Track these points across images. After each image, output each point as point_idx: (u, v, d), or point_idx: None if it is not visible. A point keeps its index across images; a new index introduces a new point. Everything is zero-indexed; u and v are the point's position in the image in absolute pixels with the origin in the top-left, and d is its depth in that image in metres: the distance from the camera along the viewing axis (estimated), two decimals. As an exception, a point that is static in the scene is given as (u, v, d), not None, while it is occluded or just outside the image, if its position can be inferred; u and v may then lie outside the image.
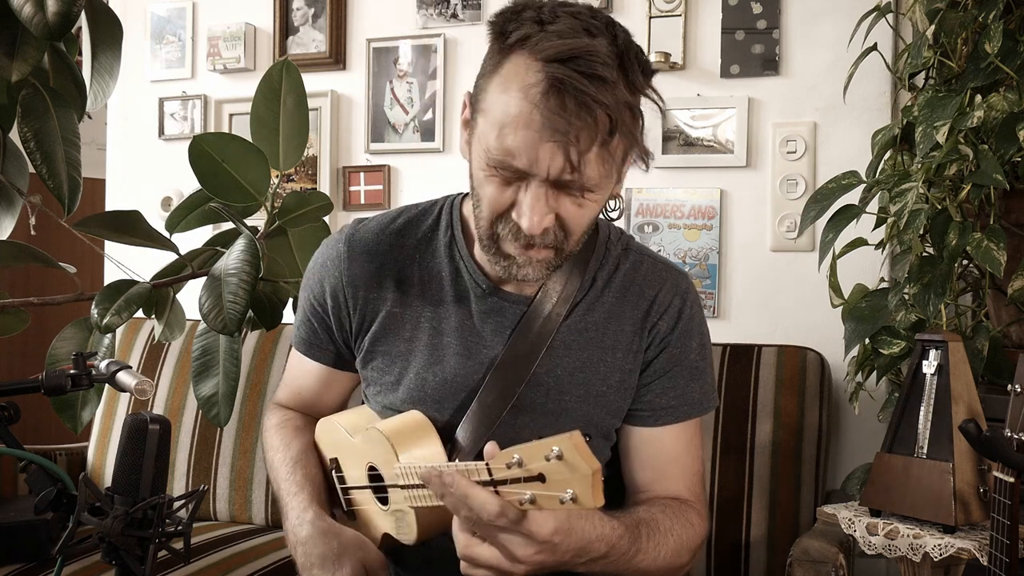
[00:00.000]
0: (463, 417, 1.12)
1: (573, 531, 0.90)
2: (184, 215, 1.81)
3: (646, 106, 1.02)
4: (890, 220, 1.68)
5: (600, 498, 0.83)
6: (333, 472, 1.22)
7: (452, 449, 1.11)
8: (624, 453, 1.19)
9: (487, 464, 0.88)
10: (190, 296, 1.75)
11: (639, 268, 1.18)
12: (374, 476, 1.14)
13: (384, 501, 1.11)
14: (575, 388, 1.14)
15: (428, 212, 1.22)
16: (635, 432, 1.17)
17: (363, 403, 1.27)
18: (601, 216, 1.13)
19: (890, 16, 1.83)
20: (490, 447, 0.92)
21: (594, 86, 0.93)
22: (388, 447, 1.07)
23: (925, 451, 1.40)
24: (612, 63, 0.95)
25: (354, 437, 1.16)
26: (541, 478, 0.84)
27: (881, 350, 1.66)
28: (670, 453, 1.16)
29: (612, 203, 1.12)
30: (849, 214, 1.70)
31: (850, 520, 1.45)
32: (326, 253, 1.24)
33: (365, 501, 1.18)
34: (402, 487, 1.06)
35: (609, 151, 0.97)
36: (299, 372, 1.32)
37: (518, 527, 0.86)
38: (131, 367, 1.13)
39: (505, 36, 0.99)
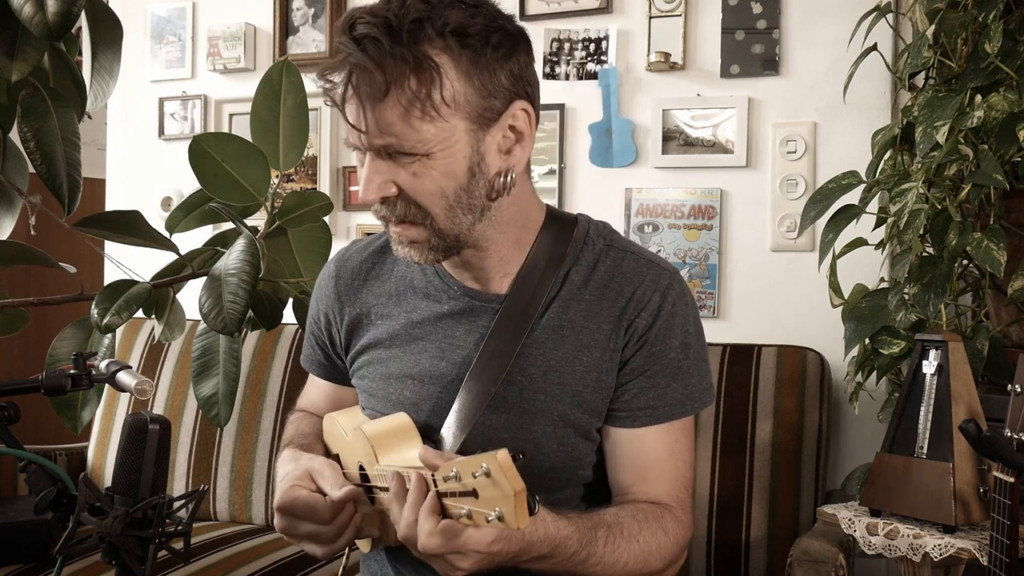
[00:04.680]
0: (441, 418, 1.12)
1: (511, 537, 0.91)
2: (184, 215, 1.81)
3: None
4: (890, 220, 1.68)
5: (524, 519, 0.83)
6: None
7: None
8: (606, 454, 1.16)
9: (432, 475, 0.91)
10: (190, 296, 1.75)
11: (620, 265, 1.16)
12: (364, 476, 1.14)
13: (372, 501, 1.12)
14: (549, 387, 1.12)
15: None
16: (615, 433, 1.15)
17: None
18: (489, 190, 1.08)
19: (890, 16, 1.83)
20: (422, 451, 0.95)
21: (363, 46, 0.97)
22: (370, 449, 1.08)
23: (925, 451, 1.40)
24: (382, 20, 0.97)
25: (348, 436, 1.17)
26: (475, 494, 0.85)
27: (881, 350, 1.66)
28: (651, 456, 1.14)
29: (501, 178, 1.07)
30: (849, 214, 1.70)
31: (850, 520, 1.45)
32: (321, 275, 1.30)
33: (360, 499, 1.18)
34: (381, 488, 1.07)
35: (403, 108, 0.97)
36: (311, 387, 1.37)
37: (455, 549, 0.89)
38: (131, 367, 1.13)
39: None
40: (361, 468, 1.15)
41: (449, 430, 1.11)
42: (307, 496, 1.06)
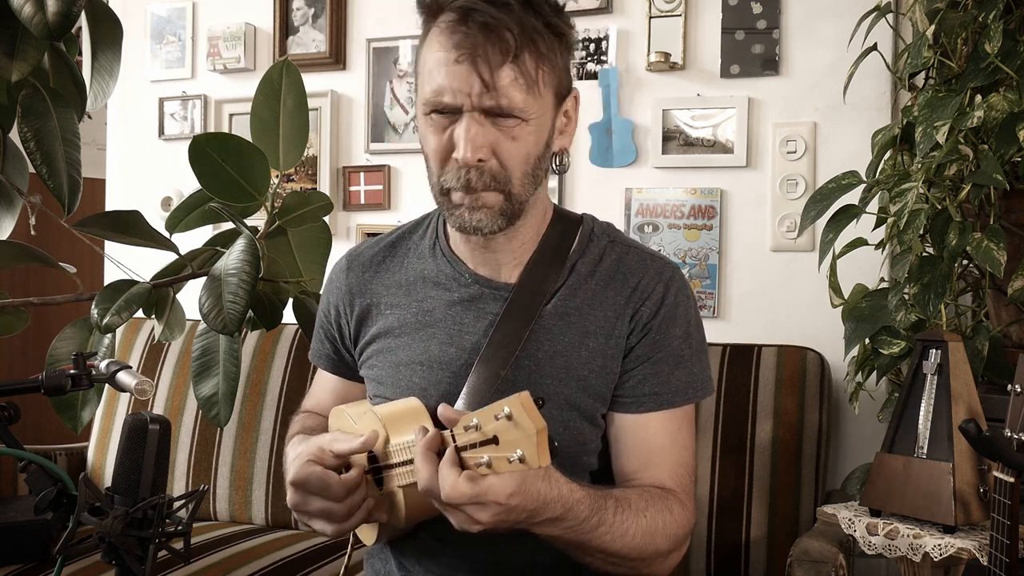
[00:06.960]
0: (450, 402, 1.14)
1: (529, 491, 0.93)
2: (184, 215, 1.81)
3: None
4: (890, 220, 1.68)
5: (545, 457, 0.85)
6: None
7: None
8: (611, 442, 1.20)
9: (451, 431, 0.93)
10: (190, 296, 1.75)
11: (625, 258, 1.21)
12: (373, 458, 1.15)
13: (380, 484, 1.12)
14: (556, 372, 1.15)
15: (419, 224, 1.31)
16: (619, 419, 1.18)
17: None
18: (555, 168, 1.20)
19: (890, 16, 1.83)
20: (442, 408, 0.99)
21: (495, 8, 1.04)
22: (382, 429, 1.10)
23: (925, 451, 1.40)
24: None
25: (357, 423, 1.18)
26: (495, 440, 0.87)
27: (881, 350, 1.66)
28: (655, 442, 1.17)
29: (558, 158, 1.19)
30: (849, 214, 1.70)
31: (850, 520, 1.45)
32: (333, 269, 1.34)
33: (368, 484, 1.19)
34: (393, 466, 1.08)
35: (523, 71, 1.05)
36: (317, 385, 1.39)
37: (476, 498, 0.91)
38: (131, 367, 1.13)
39: (432, 8, 1.09)
40: (370, 452, 1.15)
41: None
42: (321, 472, 1.08)
